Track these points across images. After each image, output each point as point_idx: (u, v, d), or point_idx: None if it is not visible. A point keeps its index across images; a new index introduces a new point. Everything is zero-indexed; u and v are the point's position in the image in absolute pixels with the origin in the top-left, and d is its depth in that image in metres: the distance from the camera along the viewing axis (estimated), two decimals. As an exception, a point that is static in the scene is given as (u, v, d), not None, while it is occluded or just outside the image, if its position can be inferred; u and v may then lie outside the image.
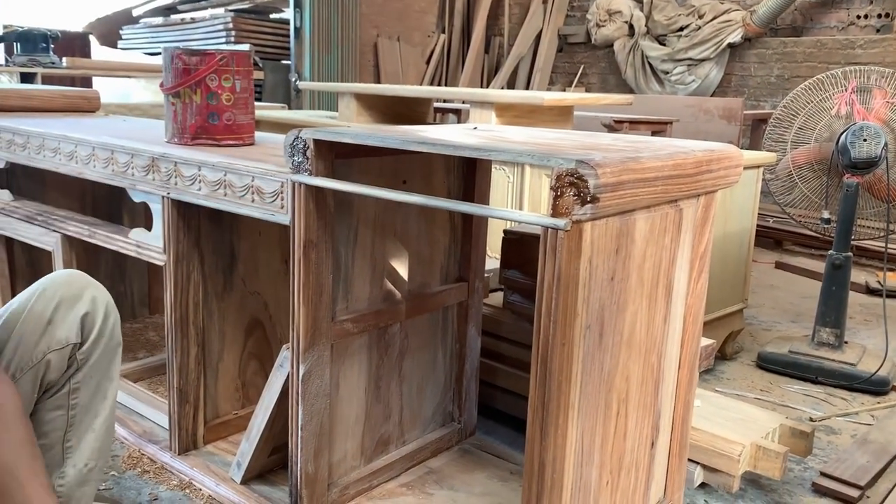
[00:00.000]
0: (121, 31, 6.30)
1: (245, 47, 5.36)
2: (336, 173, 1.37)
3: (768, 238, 4.67)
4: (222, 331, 1.82)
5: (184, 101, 1.69)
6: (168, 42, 5.86)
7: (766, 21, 5.63)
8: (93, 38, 5.92)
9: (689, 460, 1.65)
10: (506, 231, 2.06)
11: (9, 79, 4.22)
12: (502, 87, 6.78)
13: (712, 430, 1.72)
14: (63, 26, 5.29)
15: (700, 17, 5.95)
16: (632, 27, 6.35)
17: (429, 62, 6.96)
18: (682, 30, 6.06)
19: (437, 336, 1.76)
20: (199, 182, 1.57)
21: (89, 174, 1.83)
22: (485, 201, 1.76)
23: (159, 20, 6.09)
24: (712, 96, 5.89)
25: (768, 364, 2.65)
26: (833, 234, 2.61)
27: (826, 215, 2.67)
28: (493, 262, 2.25)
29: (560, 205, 1.03)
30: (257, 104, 2.79)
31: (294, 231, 1.38)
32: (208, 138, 1.70)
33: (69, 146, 1.86)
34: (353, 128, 1.46)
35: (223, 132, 1.71)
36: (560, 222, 1.03)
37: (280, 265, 1.90)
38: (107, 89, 4.52)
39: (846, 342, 2.64)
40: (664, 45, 6.19)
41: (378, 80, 6.55)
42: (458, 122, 4.24)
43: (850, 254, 2.58)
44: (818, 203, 2.74)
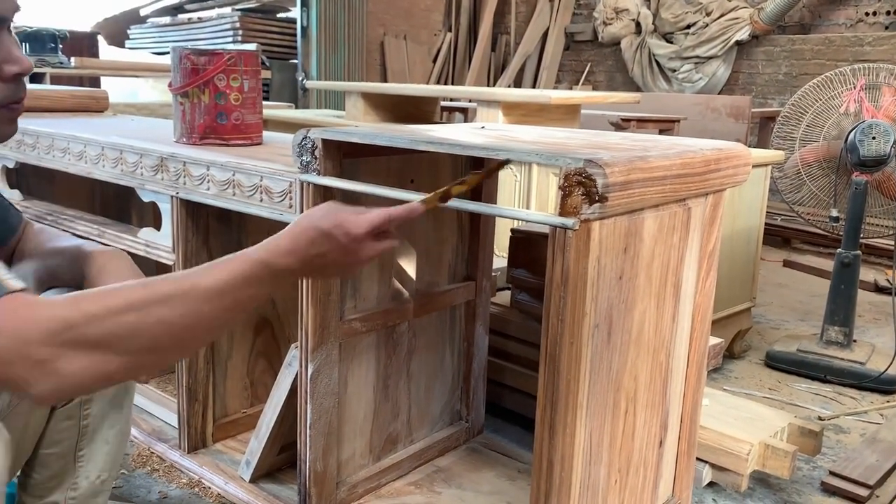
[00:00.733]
0: (128, 31, 6.32)
1: (252, 46, 5.35)
2: (344, 173, 1.38)
3: (777, 236, 4.65)
4: (231, 329, 1.82)
5: (192, 101, 1.69)
6: (175, 41, 5.88)
7: (773, 18, 5.61)
8: (101, 38, 5.94)
9: (698, 459, 1.65)
10: (513, 230, 2.06)
11: (18, 79, 4.23)
12: (509, 86, 6.77)
13: (721, 428, 1.72)
14: (71, 26, 5.31)
15: (707, 15, 5.93)
16: (639, 25, 6.33)
17: (435, 60, 6.96)
18: (689, 27, 6.04)
19: (445, 335, 1.76)
20: (208, 182, 1.58)
21: (98, 174, 1.84)
22: (492, 200, 1.76)
23: (167, 20, 6.11)
24: (720, 94, 5.87)
25: (777, 363, 2.64)
26: (842, 233, 2.60)
27: (835, 213, 2.66)
28: (500, 260, 2.25)
29: (568, 204, 1.03)
30: (264, 103, 2.80)
31: (302, 230, 1.38)
32: (217, 138, 1.71)
33: (78, 146, 1.87)
34: (362, 127, 1.47)
35: (231, 132, 1.72)
36: (568, 221, 1.03)
37: (288, 264, 1.90)
38: (115, 89, 4.53)
39: (855, 341, 2.63)
40: (671, 42, 6.17)
41: (385, 79, 6.56)
42: (465, 121, 4.24)
43: (859, 252, 2.57)
44: (827, 201, 2.73)
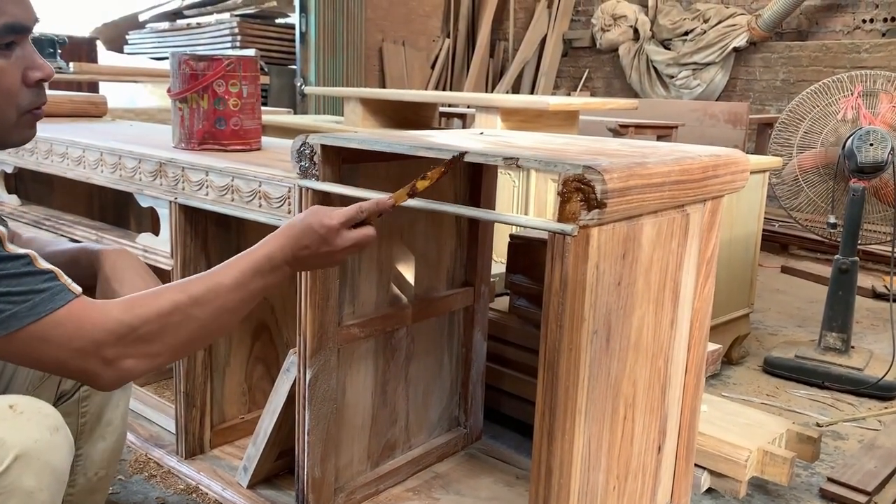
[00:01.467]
0: (127, 36, 6.32)
1: (251, 52, 5.37)
2: (343, 178, 1.38)
3: (774, 242, 4.66)
4: (229, 335, 1.82)
5: (191, 107, 1.69)
6: (174, 47, 5.88)
7: (771, 25, 5.63)
8: (99, 43, 5.94)
9: (696, 465, 1.64)
10: (512, 235, 2.07)
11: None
12: (507, 92, 6.78)
13: (719, 435, 1.72)
14: (70, 31, 5.31)
15: (705, 22, 5.95)
16: (637, 31, 6.35)
17: (434, 66, 6.97)
18: (687, 34, 6.06)
19: (444, 340, 1.76)
20: (207, 187, 1.58)
21: (97, 179, 1.84)
22: (491, 206, 1.77)
23: (165, 25, 6.11)
24: (717, 100, 5.88)
25: (775, 369, 2.64)
26: (839, 239, 2.61)
27: (832, 220, 2.66)
28: (499, 266, 2.25)
29: (567, 210, 1.03)
30: (263, 109, 2.80)
31: (301, 236, 1.38)
32: (215, 143, 1.71)
33: (77, 151, 1.87)
34: (361, 133, 1.47)
35: (230, 137, 1.72)
36: (567, 227, 1.03)
37: (286, 270, 1.90)
38: (113, 94, 4.53)
39: (853, 347, 2.64)
40: (669, 49, 6.19)
41: (383, 85, 6.57)
42: (464, 127, 4.24)
43: (857, 258, 2.57)
44: (824, 207, 2.73)
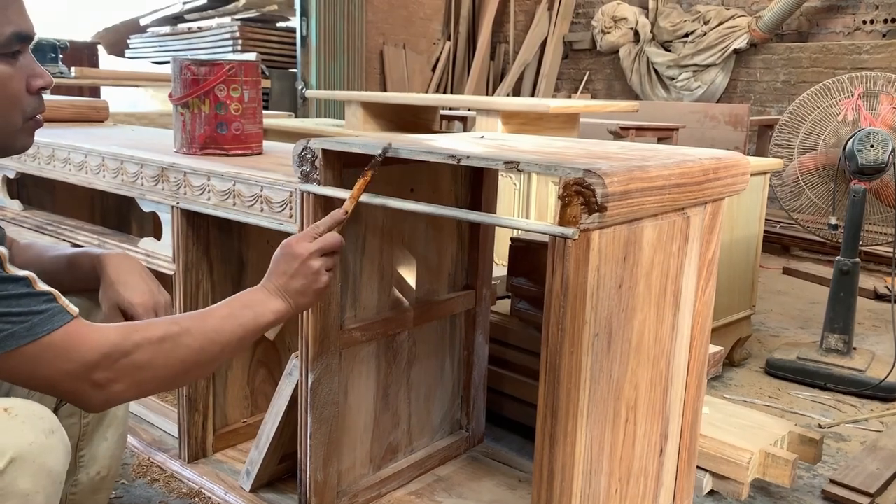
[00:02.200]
0: (128, 41, 6.34)
1: (252, 56, 5.37)
2: (344, 182, 1.38)
3: (776, 244, 4.66)
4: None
5: (192, 111, 1.70)
6: (175, 51, 5.89)
7: (771, 27, 5.63)
8: (101, 48, 5.96)
9: (698, 468, 1.64)
10: (513, 239, 2.07)
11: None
12: (508, 94, 6.79)
13: (721, 437, 1.72)
14: (71, 36, 5.32)
15: (705, 24, 5.95)
16: (637, 33, 6.36)
17: (434, 69, 6.98)
18: (687, 36, 6.06)
19: (445, 344, 1.77)
20: (209, 192, 1.58)
21: (99, 184, 1.84)
22: (492, 209, 1.77)
23: (166, 29, 6.12)
24: (718, 102, 5.89)
25: (777, 370, 2.64)
26: (841, 240, 2.61)
27: (833, 221, 2.67)
28: (500, 269, 2.25)
29: (568, 213, 1.04)
30: (264, 112, 2.81)
31: (303, 240, 1.38)
32: (217, 148, 1.71)
33: (79, 156, 1.88)
34: (362, 137, 1.47)
35: (232, 142, 1.72)
36: (568, 231, 1.03)
37: (288, 273, 1.91)
38: (115, 98, 4.54)
39: (855, 348, 2.63)
40: (670, 51, 6.19)
41: (384, 88, 6.58)
42: (464, 130, 4.25)
43: (858, 259, 2.57)
44: (825, 209, 2.74)
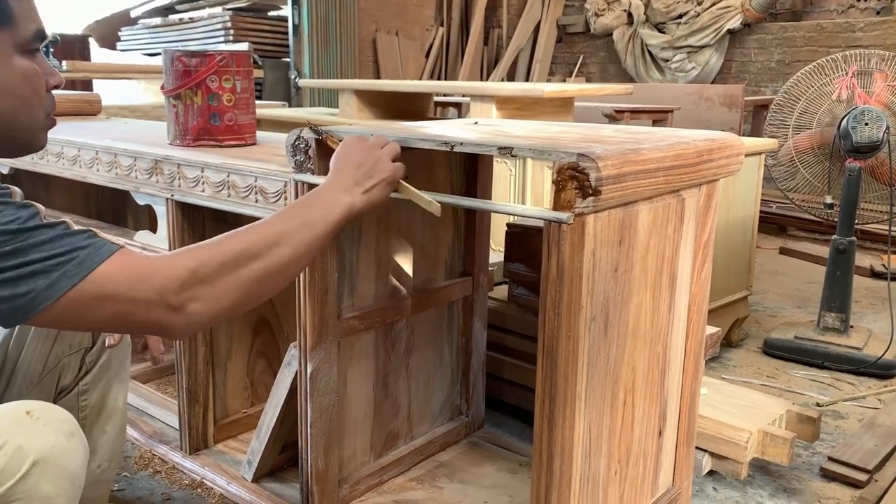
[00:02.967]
0: (120, 33, 6.30)
1: (244, 46, 5.36)
2: (339, 171, 1.38)
3: (772, 224, 4.66)
4: (230, 330, 1.83)
5: (185, 103, 1.69)
6: (167, 42, 5.86)
7: (765, 6, 5.61)
8: (92, 41, 5.92)
9: (697, 448, 1.65)
10: (509, 224, 2.07)
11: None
12: (502, 79, 6.77)
13: (719, 417, 1.73)
14: (62, 29, 5.30)
15: (699, 4, 5.93)
16: (630, 15, 6.33)
17: (428, 56, 6.95)
18: (681, 17, 6.04)
19: (443, 331, 1.77)
20: (203, 183, 1.58)
21: (93, 178, 1.84)
22: (487, 196, 1.77)
23: (157, 20, 6.09)
24: (713, 83, 5.87)
25: (774, 350, 2.65)
26: (836, 219, 2.61)
27: (829, 200, 2.67)
28: (496, 255, 2.25)
29: (562, 198, 1.04)
30: (257, 102, 2.80)
31: (298, 230, 1.38)
32: (210, 139, 1.71)
33: (72, 150, 1.87)
34: (356, 125, 1.47)
35: (225, 133, 1.72)
36: (563, 216, 1.03)
37: (285, 264, 1.91)
38: (107, 91, 4.52)
39: (852, 326, 2.65)
40: (663, 32, 6.17)
41: (377, 76, 6.55)
42: (459, 116, 4.24)
43: (854, 238, 2.58)
44: (821, 188, 2.74)
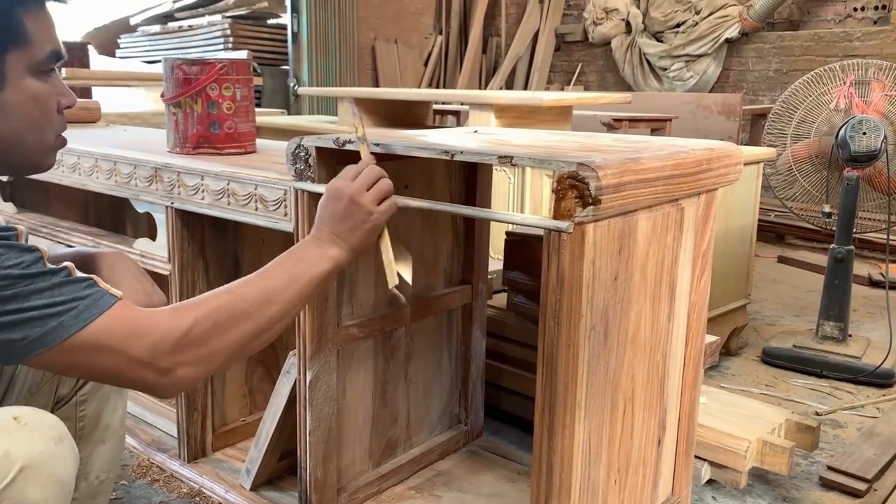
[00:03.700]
0: (119, 40, 6.31)
1: (243, 54, 5.36)
2: (338, 180, 1.38)
3: (770, 232, 4.67)
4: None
5: (185, 111, 1.70)
6: (166, 50, 5.87)
7: (762, 15, 5.63)
8: (91, 48, 5.93)
9: (696, 457, 1.65)
10: (508, 233, 2.07)
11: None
12: (500, 87, 6.78)
13: (718, 426, 1.73)
14: (61, 37, 5.30)
15: (697, 13, 5.95)
16: (629, 24, 6.35)
17: (426, 64, 6.97)
18: (679, 26, 6.06)
19: (442, 339, 1.77)
20: (203, 191, 1.58)
21: (93, 186, 1.84)
22: (486, 204, 1.77)
23: (157, 28, 6.09)
24: (711, 92, 5.89)
25: (773, 359, 2.65)
26: (835, 228, 2.62)
27: (827, 209, 2.67)
28: (496, 263, 2.25)
29: (562, 207, 1.04)
30: (257, 110, 2.80)
31: (298, 238, 1.38)
32: (210, 147, 1.71)
33: (72, 158, 1.87)
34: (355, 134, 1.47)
35: (225, 141, 1.72)
36: (562, 224, 1.03)
37: (284, 271, 1.91)
38: (107, 99, 4.52)
39: (850, 335, 2.65)
40: (661, 41, 6.19)
41: (376, 83, 6.56)
42: (458, 124, 4.24)
43: (852, 247, 2.58)
44: (819, 197, 2.74)
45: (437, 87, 6.92)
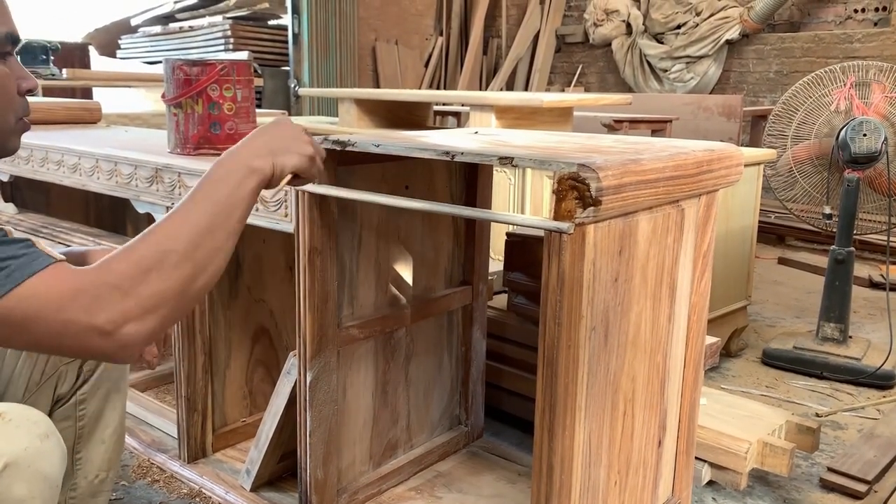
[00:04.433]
0: (119, 41, 6.31)
1: (244, 55, 5.37)
2: (339, 180, 1.38)
3: (771, 234, 4.67)
4: (229, 339, 1.82)
5: (185, 112, 1.70)
6: (167, 51, 5.87)
7: (763, 17, 5.63)
8: (92, 49, 5.93)
9: (697, 458, 1.65)
10: (509, 234, 2.07)
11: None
12: (501, 89, 6.79)
13: (719, 427, 1.73)
14: (62, 38, 5.30)
15: (697, 15, 5.95)
16: (629, 26, 6.36)
17: (427, 65, 6.97)
18: (679, 27, 6.06)
19: (443, 340, 1.77)
20: (203, 192, 1.58)
21: (93, 186, 1.84)
22: (487, 205, 1.77)
23: (158, 29, 6.10)
24: (711, 93, 5.89)
25: (773, 360, 2.65)
26: (835, 229, 2.62)
27: (827, 210, 2.67)
28: (496, 264, 2.25)
29: (562, 208, 1.04)
30: (258, 111, 2.80)
31: (299, 239, 1.39)
32: (211, 148, 1.71)
33: (73, 159, 1.87)
34: (355, 135, 1.47)
35: (225, 141, 1.72)
36: (563, 225, 1.03)
37: (284, 272, 1.91)
38: (107, 99, 4.52)
39: (850, 336, 2.65)
40: (662, 42, 6.19)
41: (377, 84, 6.57)
42: (458, 125, 4.25)
43: (853, 248, 2.58)
44: (819, 198, 2.74)
45: (438, 88, 6.92)
